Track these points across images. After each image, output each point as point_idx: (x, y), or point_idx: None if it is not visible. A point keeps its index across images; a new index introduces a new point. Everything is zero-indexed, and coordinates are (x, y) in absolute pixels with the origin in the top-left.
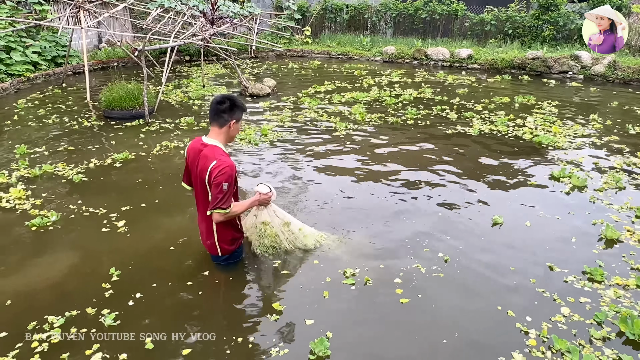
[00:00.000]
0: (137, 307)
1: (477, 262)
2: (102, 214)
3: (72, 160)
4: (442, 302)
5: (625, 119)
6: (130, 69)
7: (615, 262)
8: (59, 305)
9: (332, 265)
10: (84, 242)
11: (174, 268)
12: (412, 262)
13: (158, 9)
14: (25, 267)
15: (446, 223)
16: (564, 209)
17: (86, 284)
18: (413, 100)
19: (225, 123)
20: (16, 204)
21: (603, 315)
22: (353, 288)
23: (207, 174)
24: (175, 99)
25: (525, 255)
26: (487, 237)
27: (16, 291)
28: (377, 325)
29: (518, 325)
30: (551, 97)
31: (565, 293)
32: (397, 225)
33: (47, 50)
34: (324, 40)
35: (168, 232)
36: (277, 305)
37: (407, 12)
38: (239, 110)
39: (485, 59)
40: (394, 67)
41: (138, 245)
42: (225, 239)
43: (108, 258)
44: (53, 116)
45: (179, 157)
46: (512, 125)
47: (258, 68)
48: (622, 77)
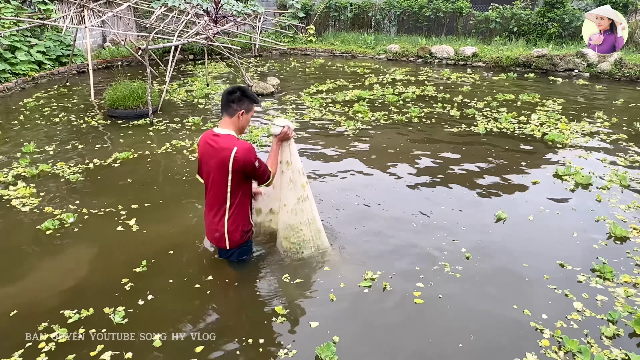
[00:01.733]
0: (146, 307)
1: (491, 260)
2: (111, 212)
3: (75, 159)
4: (458, 303)
5: (631, 117)
6: (134, 68)
7: (620, 259)
8: (73, 303)
9: (344, 268)
10: (100, 241)
11: (182, 268)
12: (425, 263)
13: (162, 8)
14: (40, 269)
15: (458, 220)
16: (569, 206)
17: (103, 283)
18: (416, 98)
19: (234, 113)
20: (24, 203)
21: (617, 314)
22: (366, 291)
23: (231, 161)
24: (179, 98)
25: (534, 253)
26: (497, 234)
27: (28, 294)
28: (389, 329)
29: (533, 324)
30: (556, 95)
31: (578, 291)
32: (409, 227)
33: (52, 49)
34: (327, 39)
35: (172, 234)
36: (280, 309)
37: (412, 10)
38: (249, 101)
39: (490, 57)
40: (398, 65)
41: (147, 245)
42: (234, 230)
43: (113, 260)
44: (57, 115)
45: (182, 156)
46: (515, 122)
47: (262, 66)
48: (629, 74)
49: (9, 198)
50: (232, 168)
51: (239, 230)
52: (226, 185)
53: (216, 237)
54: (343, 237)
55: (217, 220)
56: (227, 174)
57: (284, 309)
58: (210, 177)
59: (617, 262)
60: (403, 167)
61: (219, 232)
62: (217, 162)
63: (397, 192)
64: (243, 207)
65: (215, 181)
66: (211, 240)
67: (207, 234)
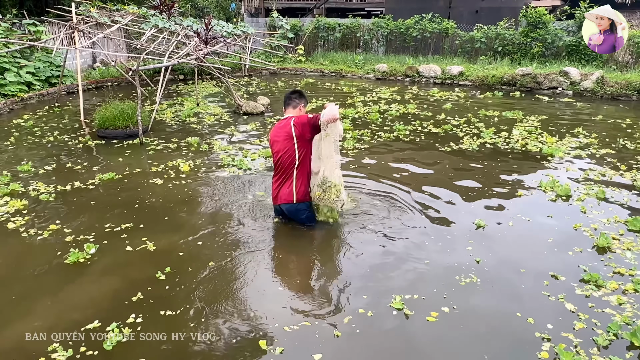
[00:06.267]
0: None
1: (485, 271)
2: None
3: (63, 180)
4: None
5: (612, 133)
6: (124, 89)
7: (601, 267)
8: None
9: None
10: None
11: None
12: (422, 283)
13: (152, 29)
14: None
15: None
16: (551, 217)
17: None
18: (400, 116)
19: (297, 105)
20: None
21: (615, 326)
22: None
23: (292, 127)
24: (170, 118)
25: (522, 262)
26: (486, 244)
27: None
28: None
29: (538, 335)
30: (538, 112)
31: (570, 300)
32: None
33: (41, 70)
34: (317, 59)
35: (158, 259)
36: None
37: (399, 31)
38: (304, 99)
39: (476, 76)
40: (386, 84)
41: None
42: (301, 186)
43: None
44: (46, 136)
45: (175, 177)
46: (497, 138)
47: (252, 86)
48: (611, 92)
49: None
50: (295, 134)
51: (304, 189)
52: (294, 150)
53: (286, 192)
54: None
55: (287, 180)
56: (293, 139)
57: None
58: (280, 150)
59: (601, 270)
60: (393, 183)
61: (288, 188)
62: (284, 135)
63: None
64: (304, 170)
65: (284, 151)
66: (279, 201)
67: (274, 199)
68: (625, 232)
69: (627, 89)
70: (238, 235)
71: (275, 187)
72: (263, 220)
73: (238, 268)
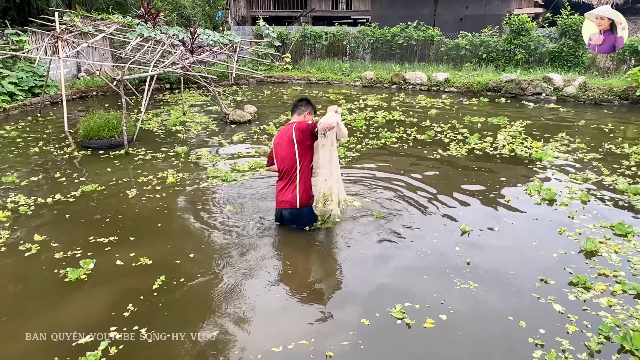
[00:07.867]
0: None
1: (478, 277)
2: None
3: (46, 192)
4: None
5: (597, 138)
6: (109, 98)
7: (586, 269)
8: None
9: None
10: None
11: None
12: (423, 289)
13: (138, 39)
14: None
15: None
16: (537, 221)
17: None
18: (385, 123)
19: (302, 112)
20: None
21: (606, 327)
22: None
23: (294, 134)
24: (156, 127)
25: (510, 266)
26: (474, 248)
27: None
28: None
29: (531, 340)
30: (523, 118)
31: (560, 302)
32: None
33: (24, 80)
34: (304, 67)
35: (146, 272)
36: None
37: (385, 38)
38: (312, 107)
39: (462, 82)
40: (373, 91)
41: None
42: (304, 192)
43: None
44: (29, 146)
45: (161, 188)
46: (482, 143)
47: (239, 95)
48: (593, 97)
49: None
50: (295, 139)
51: (307, 195)
52: (295, 155)
53: (289, 197)
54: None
55: (290, 185)
56: (294, 145)
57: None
58: (283, 155)
59: (586, 272)
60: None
61: (292, 194)
62: (286, 140)
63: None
64: (307, 175)
65: (286, 156)
66: (282, 206)
67: (278, 203)
68: (612, 236)
69: (609, 94)
70: (228, 246)
71: (279, 192)
72: (252, 230)
73: (229, 280)
